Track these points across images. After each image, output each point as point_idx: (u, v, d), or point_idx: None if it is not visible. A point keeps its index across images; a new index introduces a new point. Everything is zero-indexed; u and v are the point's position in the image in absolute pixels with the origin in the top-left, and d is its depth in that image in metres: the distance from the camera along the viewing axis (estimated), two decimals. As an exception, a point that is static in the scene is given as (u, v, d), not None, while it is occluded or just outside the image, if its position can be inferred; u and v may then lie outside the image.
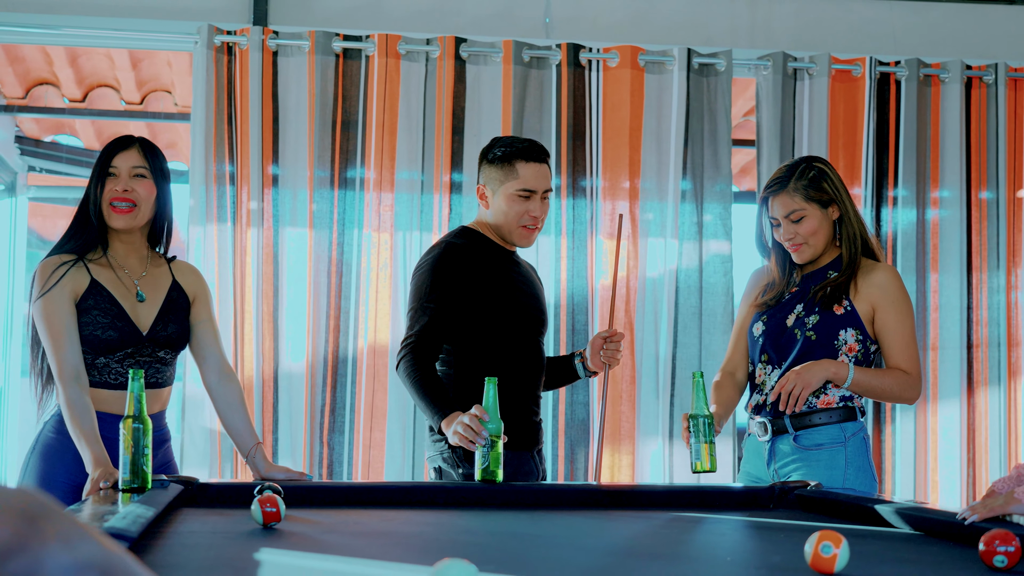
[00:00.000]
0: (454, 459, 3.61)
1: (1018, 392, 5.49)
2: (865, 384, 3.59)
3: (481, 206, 3.79)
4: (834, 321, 3.64)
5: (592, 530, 2.72)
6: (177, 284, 3.52)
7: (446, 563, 1.60)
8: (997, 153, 5.52)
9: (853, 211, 3.73)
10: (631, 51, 5.33)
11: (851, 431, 3.62)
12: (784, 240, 3.73)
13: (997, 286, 5.49)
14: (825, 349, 3.63)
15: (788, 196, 3.69)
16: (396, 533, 2.57)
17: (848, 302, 3.64)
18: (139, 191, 3.42)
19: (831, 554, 1.99)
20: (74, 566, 1.15)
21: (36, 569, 1.13)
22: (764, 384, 3.71)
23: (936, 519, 2.64)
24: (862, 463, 3.63)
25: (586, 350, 3.90)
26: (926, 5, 5.63)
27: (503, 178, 3.70)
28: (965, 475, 5.40)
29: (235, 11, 5.24)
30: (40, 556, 1.13)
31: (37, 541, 1.13)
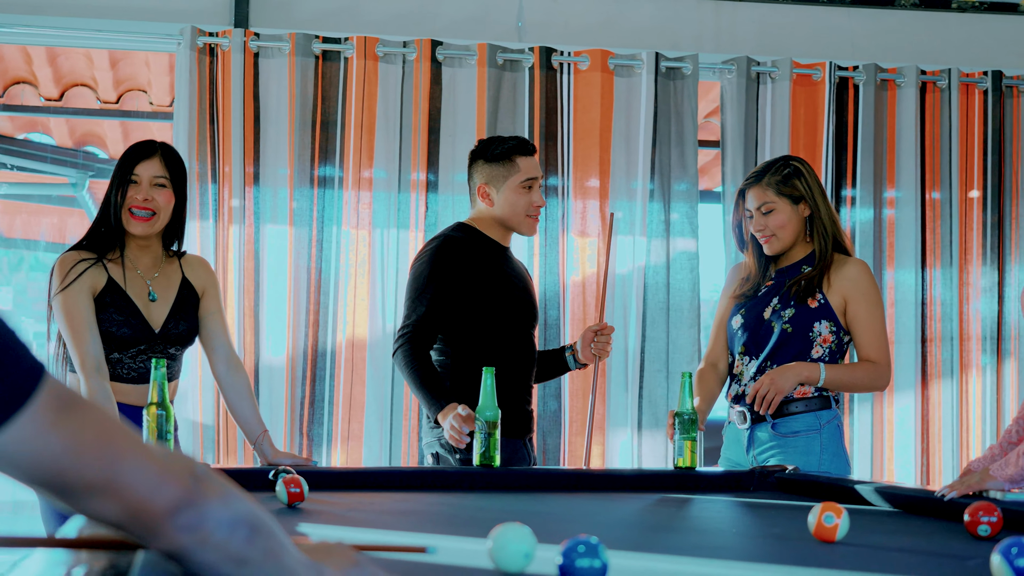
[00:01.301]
0: (451, 445, 3.78)
1: (969, 384, 5.72)
2: (837, 381, 3.80)
3: (482, 204, 3.97)
4: (809, 314, 3.84)
5: (597, 509, 2.89)
6: (187, 281, 3.65)
7: (503, 528, 1.76)
8: (950, 155, 5.74)
9: (826, 209, 3.93)
10: (601, 55, 5.50)
11: (826, 419, 3.82)
12: (755, 231, 3.94)
13: (950, 283, 5.71)
14: (801, 340, 3.83)
15: (761, 190, 3.90)
16: (417, 511, 2.73)
17: (822, 295, 3.84)
18: (159, 200, 3.54)
19: (833, 523, 2.17)
20: (230, 520, 1.30)
21: (201, 522, 1.28)
22: (742, 374, 3.91)
23: (914, 496, 2.84)
24: (836, 449, 3.84)
25: (577, 343, 4.08)
26: (883, 13, 5.85)
27: (506, 173, 3.92)
28: (919, 462, 5.62)
29: (217, 13, 5.36)
30: (204, 510, 1.28)
31: (202, 498, 1.29)
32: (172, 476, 1.27)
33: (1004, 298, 5.74)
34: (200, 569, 1.31)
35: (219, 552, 1.30)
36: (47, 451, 1.19)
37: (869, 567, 1.94)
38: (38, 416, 1.17)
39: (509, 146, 4.00)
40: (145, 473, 1.25)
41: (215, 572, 1.31)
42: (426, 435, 3.92)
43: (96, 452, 1.22)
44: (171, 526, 1.27)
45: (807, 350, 3.82)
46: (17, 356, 1.16)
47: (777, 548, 2.24)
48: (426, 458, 3.98)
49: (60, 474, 1.21)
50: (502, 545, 1.74)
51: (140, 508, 1.25)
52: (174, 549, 1.29)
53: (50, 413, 1.19)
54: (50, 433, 1.19)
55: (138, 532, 1.28)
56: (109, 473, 1.23)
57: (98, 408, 1.25)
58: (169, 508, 1.26)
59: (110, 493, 1.23)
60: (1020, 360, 5.71)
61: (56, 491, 1.23)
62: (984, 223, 5.77)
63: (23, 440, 1.17)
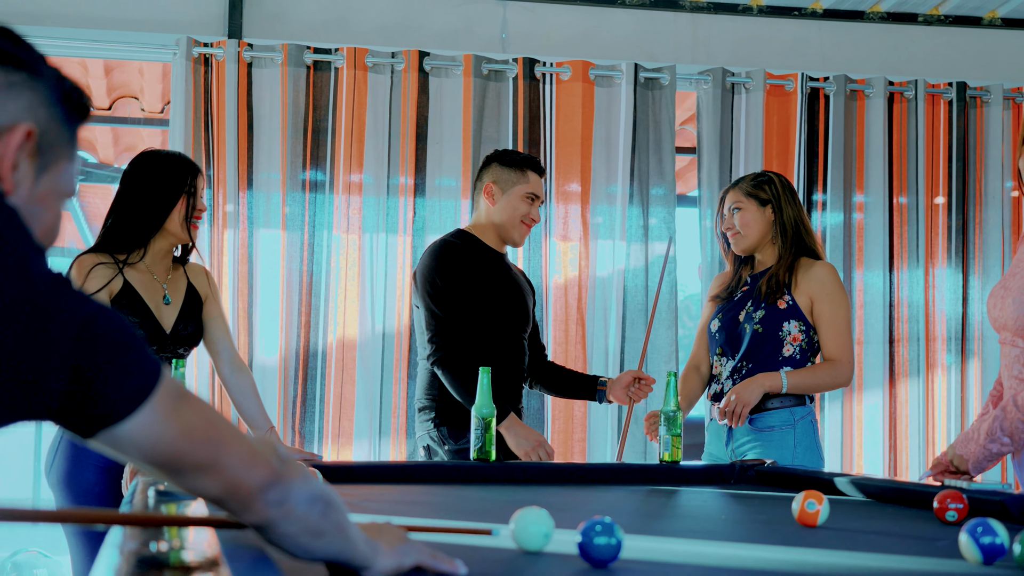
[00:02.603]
0: (440, 437, 3.99)
1: (935, 383, 5.94)
2: (800, 385, 4.02)
3: (484, 205, 4.18)
4: (778, 314, 4.07)
5: (591, 498, 3.09)
6: (192, 286, 3.85)
7: (524, 511, 1.96)
8: (916, 162, 5.97)
9: (791, 214, 4.15)
10: (582, 65, 5.70)
11: (800, 415, 4.05)
12: (725, 229, 4.20)
13: (916, 285, 5.94)
14: (771, 340, 4.05)
15: (734, 191, 4.19)
16: (431, 503, 2.92)
17: (790, 296, 4.07)
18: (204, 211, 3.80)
19: (815, 509, 2.38)
20: (309, 496, 1.51)
21: (286, 497, 1.49)
22: (720, 374, 4.13)
23: (885, 486, 3.05)
24: (810, 443, 4.06)
25: (611, 381, 4.28)
26: (853, 26, 6.08)
27: (516, 179, 4.16)
28: (887, 457, 5.85)
29: (212, 24, 5.54)
30: (289, 488, 1.50)
31: (287, 477, 1.50)
32: (262, 458, 1.49)
33: (968, 300, 5.97)
34: (282, 539, 1.52)
35: (299, 524, 1.51)
36: (165, 436, 1.40)
37: (848, 547, 2.15)
38: (159, 406, 1.38)
39: (525, 158, 4.27)
40: (242, 455, 1.46)
41: (294, 542, 1.53)
42: (418, 427, 4.13)
43: (204, 437, 1.43)
44: (261, 501, 1.48)
45: (778, 349, 4.05)
46: (141, 355, 1.37)
47: (764, 532, 2.45)
48: (418, 451, 4.19)
49: (174, 456, 1.42)
50: (524, 527, 1.94)
51: (237, 485, 1.46)
52: (262, 521, 1.50)
53: (168, 403, 1.39)
54: (168, 421, 1.39)
55: (233, 507, 1.49)
56: (213, 455, 1.44)
57: (202, 399, 1.46)
58: (260, 485, 1.47)
59: (214, 472, 1.45)
60: (983, 359, 5.94)
61: (168, 471, 1.44)
62: (949, 227, 5.99)
63: (147, 427, 1.38)
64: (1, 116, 1.40)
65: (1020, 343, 2.98)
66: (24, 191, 1.42)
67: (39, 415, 1.33)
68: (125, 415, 1.36)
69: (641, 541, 2.04)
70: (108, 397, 1.35)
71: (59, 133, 1.46)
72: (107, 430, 1.37)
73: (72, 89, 1.49)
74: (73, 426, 1.37)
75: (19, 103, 1.41)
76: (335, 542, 1.55)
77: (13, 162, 1.40)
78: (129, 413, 1.36)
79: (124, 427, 1.37)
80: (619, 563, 1.80)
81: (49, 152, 1.44)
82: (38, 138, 1.42)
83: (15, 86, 1.42)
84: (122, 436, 1.38)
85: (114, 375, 1.35)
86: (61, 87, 1.47)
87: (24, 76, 1.43)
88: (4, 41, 1.43)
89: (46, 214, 1.45)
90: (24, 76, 1.43)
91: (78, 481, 3.60)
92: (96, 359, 1.33)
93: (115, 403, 1.35)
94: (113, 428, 1.37)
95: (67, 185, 1.48)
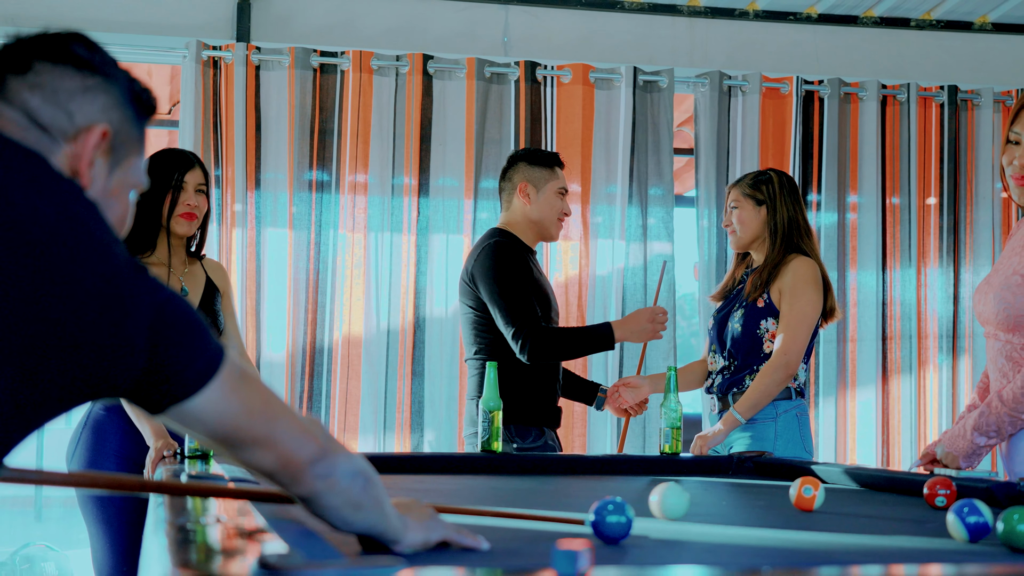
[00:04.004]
0: (507, 436, 4.09)
1: (926, 380, 6.07)
2: (752, 405, 4.07)
3: (518, 202, 4.29)
4: (756, 313, 4.17)
5: (600, 487, 3.21)
6: (210, 280, 3.96)
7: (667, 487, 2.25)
8: (909, 164, 6.09)
9: (789, 216, 4.25)
10: (583, 68, 5.83)
11: (783, 408, 4.15)
12: (724, 225, 4.33)
13: (909, 284, 6.07)
14: (750, 339, 4.16)
15: (735, 189, 4.30)
16: (461, 491, 3.04)
17: (767, 294, 4.18)
18: (200, 205, 3.85)
19: (811, 495, 2.51)
20: (351, 471, 1.64)
21: (331, 471, 1.62)
22: (714, 369, 4.25)
23: (877, 475, 3.18)
24: (792, 436, 4.14)
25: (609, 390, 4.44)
26: (847, 30, 6.20)
27: (548, 177, 4.31)
28: (880, 453, 5.97)
29: (221, 28, 5.66)
30: (334, 462, 1.63)
31: (333, 453, 1.63)
32: (311, 434, 1.62)
33: (959, 298, 6.09)
34: (326, 511, 1.65)
35: (342, 497, 1.64)
36: (228, 412, 1.53)
37: (842, 530, 2.28)
38: (223, 384, 1.52)
39: (551, 155, 4.40)
40: (294, 431, 1.60)
41: (337, 514, 1.66)
42: (468, 427, 4.22)
43: (261, 414, 1.57)
44: (310, 474, 1.61)
45: (758, 347, 4.15)
46: (207, 338, 1.51)
47: (762, 515, 2.58)
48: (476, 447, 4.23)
49: (234, 430, 1.55)
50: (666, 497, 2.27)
51: (289, 459, 1.59)
52: (309, 493, 1.63)
53: (230, 383, 1.53)
54: (231, 398, 1.53)
55: (284, 479, 1.62)
56: (269, 430, 1.57)
57: (260, 379, 1.59)
58: (309, 459, 1.61)
59: (269, 446, 1.58)
60: (974, 357, 6.06)
61: (228, 444, 1.58)
62: (941, 227, 6.11)
63: (211, 403, 1.51)
64: (79, 118, 1.54)
65: (1002, 336, 3.10)
66: (99, 186, 1.56)
67: (115, 391, 1.46)
68: (193, 392, 1.49)
69: (645, 522, 2.16)
70: (178, 376, 1.48)
71: (130, 131, 1.60)
72: (176, 406, 1.50)
73: (141, 90, 1.63)
74: (144, 402, 1.50)
75: (95, 105, 1.56)
76: (372, 515, 1.68)
77: (90, 160, 1.54)
78: (197, 391, 1.50)
79: (191, 403, 1.50)
80: (629, 540, 1.92)
81: (121, 149, 1.59)
82: (112, 137, 1.56)
83: (91, 89, 1.56)
84: (189, 411, 1.51)
85: (185, 356, 1.48)
86: (132, 88, 1.61)
87: (99, 80, 1.57)
88: (80, 47, 1.57)
89: (118, 206, 1.60)
90: (99, 80, 1.57)
91: (98, 470, 3.72)
92: (169, 341, 1.46)
93: (184, 381, 1.49)
94: (181, 404, 1.50)
95: (137, 178, 1.63)
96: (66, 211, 1.43)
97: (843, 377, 5.98)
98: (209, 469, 2.84)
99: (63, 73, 1.55)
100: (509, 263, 4.20)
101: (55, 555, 6.53)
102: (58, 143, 1.53)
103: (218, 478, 2.50)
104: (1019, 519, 1.87)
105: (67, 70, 1.55)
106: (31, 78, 1.54)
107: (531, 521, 2.13)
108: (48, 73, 1.54)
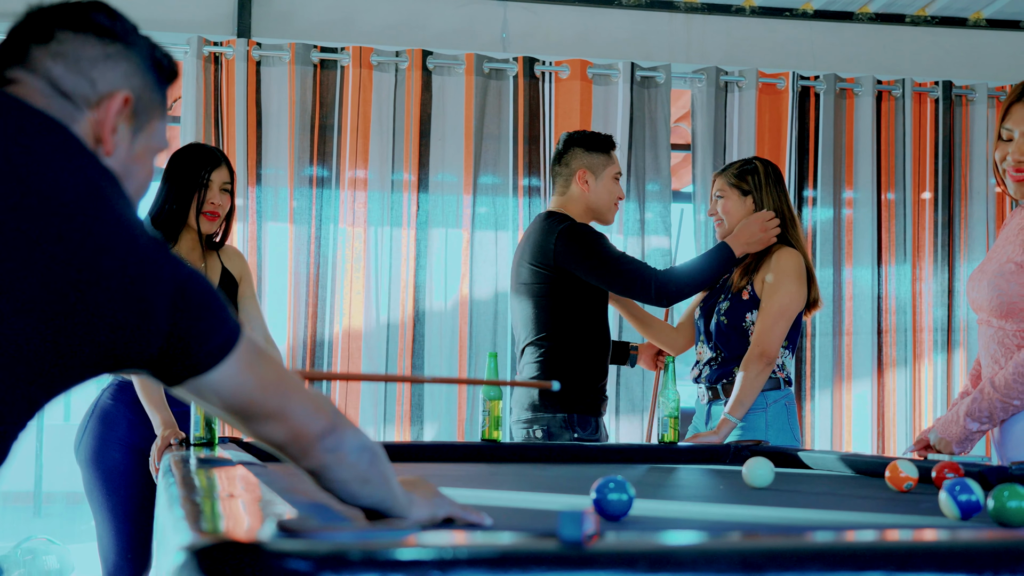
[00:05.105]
0: (567, 423, 4.12)
1: (921, 373, 6.11)
2: (741, 403, 4.09)
3: (576, 188, 4.29)
4: (741, 305, 4.19)
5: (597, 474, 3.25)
6: (226, 270, 3.99)
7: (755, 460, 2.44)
8: (904, 159, 6.14)
9: (775, 206, 4.26)
10: (580, 64, 5.88)
11: (773, 399, 4.18)
12: (709, 214, 4.35)
13: (903, 278, 6.12)
14: (735, 331, 4.19)
15: (721, 178, 4.31)
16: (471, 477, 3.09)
17: (751, 287, 4.21)
18: (224, 204, 3.89)
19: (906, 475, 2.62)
20: (359, 446, 1.69)
21: (340, 444, 1.67)
22: (701, 359, 4.28)
23: (873, 461, 3.23)
24: (781, 426, 4.17)
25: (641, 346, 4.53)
26: (842, 26, 6.25)
27: (606, 162, 4.31)
28: (875, 445, 6.02)
29: (222, 24, 5.70)
30: (343, 436, 1.68)
31: (342, 427, 1.68)
32: (322, 409, 1.66)
33: (954, 293, 6.14)
34: (334, 484, 1.70)
35: (351, 471, 1.68)
36: (244, 385, 1.58)
37: (838, 507, 2.33)
38: (240, 358, 1.56)
39: (606, 139, 4.36)
40: (306, 405, 1.64)
41: (345, 488, 1.70)
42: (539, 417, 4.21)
43: (275, 388, 1.61)
44: (320, 447, 1.66)
45: (743, 340, 4.17)
46: (226, 315, 1.56)
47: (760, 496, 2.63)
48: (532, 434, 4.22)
49: (248, 404, 1.60)
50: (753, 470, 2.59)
51: (300, 432, 1.64)
52: (318, 466, 1.68)
53: (248, 356, 1.58)
54: (247, 372, 1.57)
55: (294, 452, 1.67)
56: (282, 405, 1.62)
57: (274, 356, 1.64)
58: (320, 433, 1.65)
59: (281, 420, 1.62)
60: (968, 350, 6.10)
61: (242, 417, 1.62)
62: (935, 223, 6.16)
63: (227, 377, 1.56)
64: (101, 85, 1.57)
65: (995, 322, 3.16)
66: (123, 151, 1.59)
67: (135, 364, 1.51)
68: (210, 367, 1.54)
69: (649, 503, 2.22)
70: (197, 351, 1.52)
71: (151, 96, 1.63)
72: (193, 379, 1.55)
73: (162, 56, 1.66)
74: (163, 375, 1.55)
75: (117, 72, 1.59)
76: (379, 490, 1.73)
77: (113, 126, 1.57)
78: (214, 365, 1.54)
79: (208, 377, 1.55)
80: (629, 518, 1.97)
81: (143, 114, 1.62)
82: (134, 103, 1.59)
83: (112, 57, 1.59)
84: (205, 385, 1.56)
85: (204, 331, 1.52)
86: (152, 54, 1.65)
87: (120, 47, 1.60)
88: (101, 15, 1.60)
89: (141, 170, 1.63)
90: (120, 47, 1.60)
91: (106, 459, 3.77)
92: (190, 317, 1.51)
93: (203, 356, 1.53)
94: (198, 378, 1.55)
95: (159, 142, 1.66)
96: (89, 184, 1.47)
97: (839, 370, 6.03)
98: (215, 455, 2.89)
99: (85, 41, 1.57)
100: (597, 235, 4.22)
101: (57, 548, 6.58)
102: (81, 110, 1.56)
103: (226, 462, 2.55)
104: (1009, 496, 1.92)
105: (88, 38, 1.57)
106: (53, 47, 1.56)
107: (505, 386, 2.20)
108: (70, 41, 1.57)
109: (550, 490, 2.74)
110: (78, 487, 3.90)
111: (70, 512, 8.77)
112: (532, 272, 4.26)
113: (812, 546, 1.18)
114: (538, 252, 4.24)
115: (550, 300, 4.24)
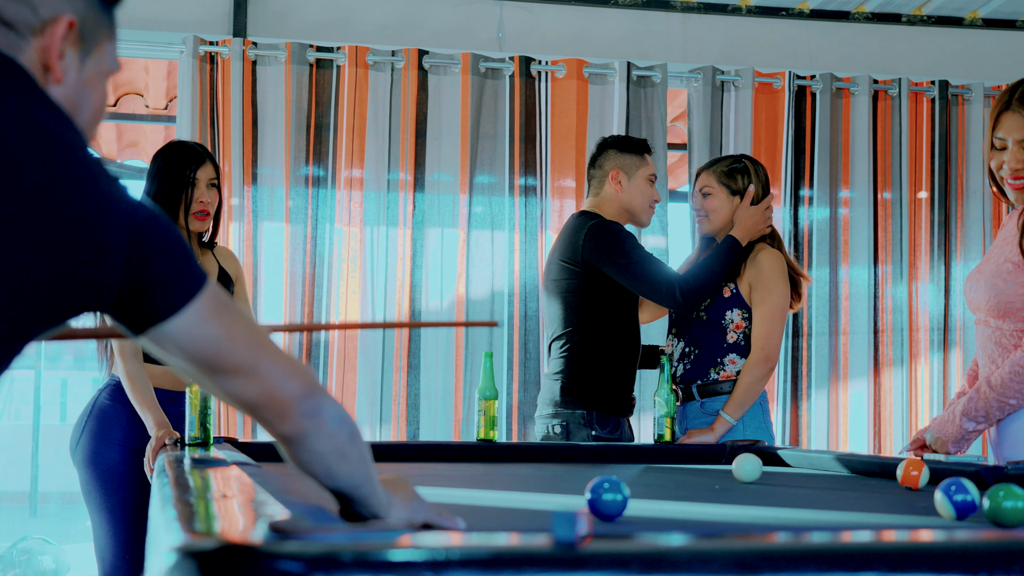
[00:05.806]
0: (587, 420, 4.11)
1: (917, 372, 6.12)
2: (739, 404, 4.10)
3: (609, 189, 4.30)
4: (722, 302, 4.19)
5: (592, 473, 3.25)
6: (223, 269, 3.99)
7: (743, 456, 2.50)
8: (900, 158, 6.14)
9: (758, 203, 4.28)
10: (577, 64, 5.88)
11: None
12: (694, 209, 4.34)
13: (900, 277, 6.12)
14: (715, 328, 4.18)
15: (707, 175, 4.29)
16: (467, 477, 3.09)
17: (734, 284, 4.21)
18: (212, 201, 3.86)
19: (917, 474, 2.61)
20: (339, 417, 1.63)
21: (319, 411, 1.60)
22: (672, 355, 4.26)
23: (868, 461, 3.23)
24: (758, 424, 4.17)
25: None
26: (839, 26, 6.25)
27: (639, 164, 4.31)
28: (871, 445, 6.03)
29: (217, 23, 5.69)
30: (322, 402, 1.60)
31: (320, 393, 1.60)
32: (299, 371, 1.59)
33: (950, 292, 6.14)
34: (311, 456, 1.64)
35: (329, 442, 1.62)
36: (208, 335, 1.50)
37: (834, 507, 2.33)
38: (203, 307, 1.49)
39: (640, 142, 4.38)
40: (280, 364, 1.56)
41: (322, 462, 1.64)
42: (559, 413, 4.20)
43: (245, 342, 1.53)
44: (296, 410, 1.58)
45: (722, 336, 4.17)
46: (189, 260, 1.49)
47: (756, 495, 2.63)
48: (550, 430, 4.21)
49: (216, 356, 1.52)
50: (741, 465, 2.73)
51: (274, 392, 1.56)
52: (295, 431, 1.60)
53: (211, 305, 1.50)
54: (211, 322, 1.49)
55: (268, 415, 1.59)
56: (254, 360, 1.54)
57: (247, 313, 1.58)
58: (297, 395, 1.57)
59: (253, 376, 1.54)
60: (964, 349, 6.11)
61: (209, 370, 1.53)
62: (932, 222, 6.16)
63: (190, 325, 1.48)
64: (44, 10, 1.49)
65: (992, 322, 3.16)
66: (72, 78, 1.51)
67: (97, 307, 1.44)
68: (172, 313, 1.47)
69: (644, 503, 2.21)
70: (158, 295, 1.45)
71: (98, 18, 1.55)
72: (155, 327, 1.47)
73: None
74: (125, 321, 1.48)
75: None
76: (358, 472, 1.66)
77: (60, 51, 1.49)
78: (176, 311, 1.47)
79: (170, 324, 1.47)
80: (624, 518, 1.97)
81: (91, 37, 1.53)
82: (79, 26, 1.51)
83: None
84: (168, 333, 1.48)
85: (166, 275, 1.45)
86: None
87: None
88: None
89: (93, 95, 1.55)
90: None
91: (102, 459, 3.76)
92: (151, 260, 1.43)
93: (164, 301, 1.46)
94: (161, 325, 1.47)
95: (110, 64, 1.58)
96: (39, 123, 1.41)
97: (835, 370, 6.03)
98: (210, 455, 2.89)
99: None
100: (626, 235, 4.21)
101: (52, 549, 6.58)
102: (26, 39, 1.48)
103: (220, 462, 2.55)
104: (1005, 496, 1.92)
105: None
106: None
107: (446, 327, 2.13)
108: None
109: (545, 490, 2.74)
110: (74, 487, 3.89)
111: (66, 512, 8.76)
112: (562, 268, 4.27)
113: (807, 546, 1.18)
114: (568, 249, 4.26)
115: (578, 297, 4.24)
